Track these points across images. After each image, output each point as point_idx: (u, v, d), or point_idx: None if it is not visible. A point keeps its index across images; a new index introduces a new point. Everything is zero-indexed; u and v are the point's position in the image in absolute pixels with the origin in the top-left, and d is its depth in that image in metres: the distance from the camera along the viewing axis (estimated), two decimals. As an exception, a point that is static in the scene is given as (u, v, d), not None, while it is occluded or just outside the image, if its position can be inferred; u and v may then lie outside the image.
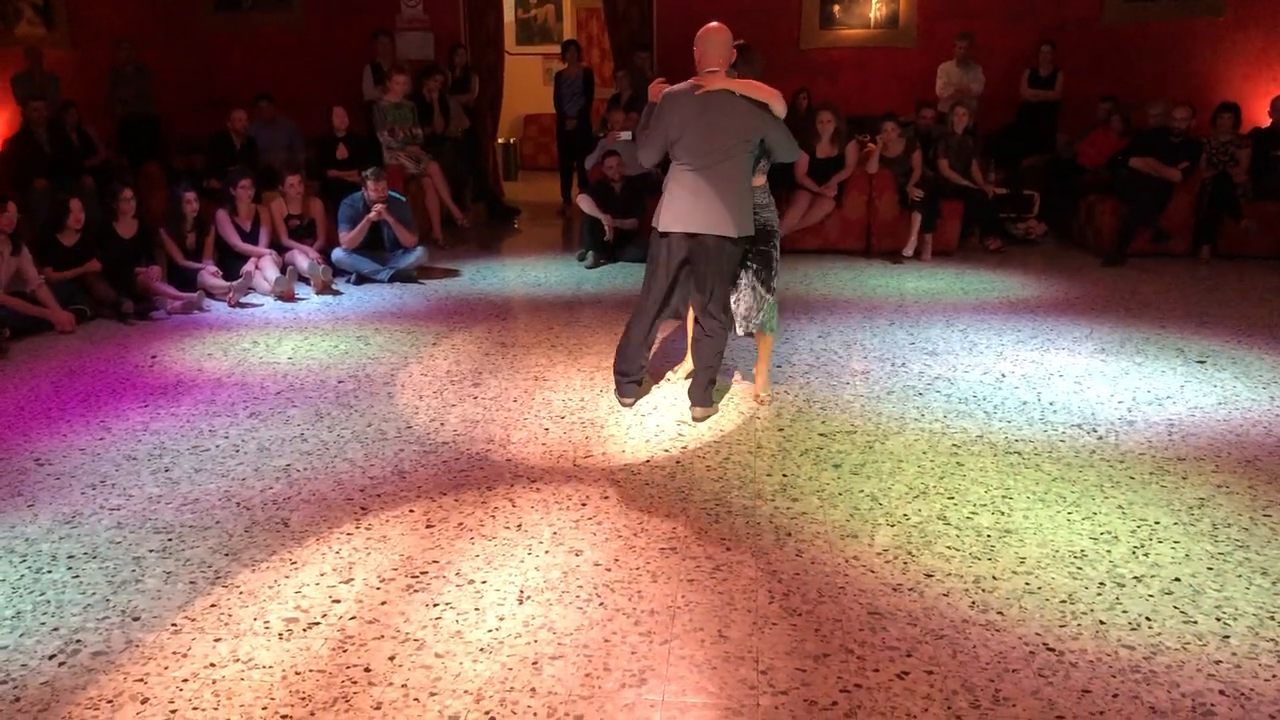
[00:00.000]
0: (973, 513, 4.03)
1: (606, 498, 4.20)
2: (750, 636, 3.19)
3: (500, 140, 13.10)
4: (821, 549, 3.75)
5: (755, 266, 5.10)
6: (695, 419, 5.04)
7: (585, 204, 9.07)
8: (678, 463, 4.55)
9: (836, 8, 11.36)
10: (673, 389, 5.53)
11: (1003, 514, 4.02)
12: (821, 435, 4.86)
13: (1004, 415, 5.11)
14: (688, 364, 5.61)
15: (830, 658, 3.07)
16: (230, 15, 11.67)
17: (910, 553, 3.71)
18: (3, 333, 6.44)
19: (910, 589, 3.46)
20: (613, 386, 5.38)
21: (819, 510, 4.07)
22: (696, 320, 5.19)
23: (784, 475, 4.40)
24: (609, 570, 3.60)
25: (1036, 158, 10.42)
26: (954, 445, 4.72)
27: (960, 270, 8.62)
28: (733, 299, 5.14)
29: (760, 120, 4.81)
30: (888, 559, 3.67)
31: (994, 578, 3.53)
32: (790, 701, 2.87)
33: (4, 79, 10.66)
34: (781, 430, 4.93)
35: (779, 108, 4.83)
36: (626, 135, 9.98)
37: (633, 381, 5.27)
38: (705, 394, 5.08)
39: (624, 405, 5.27)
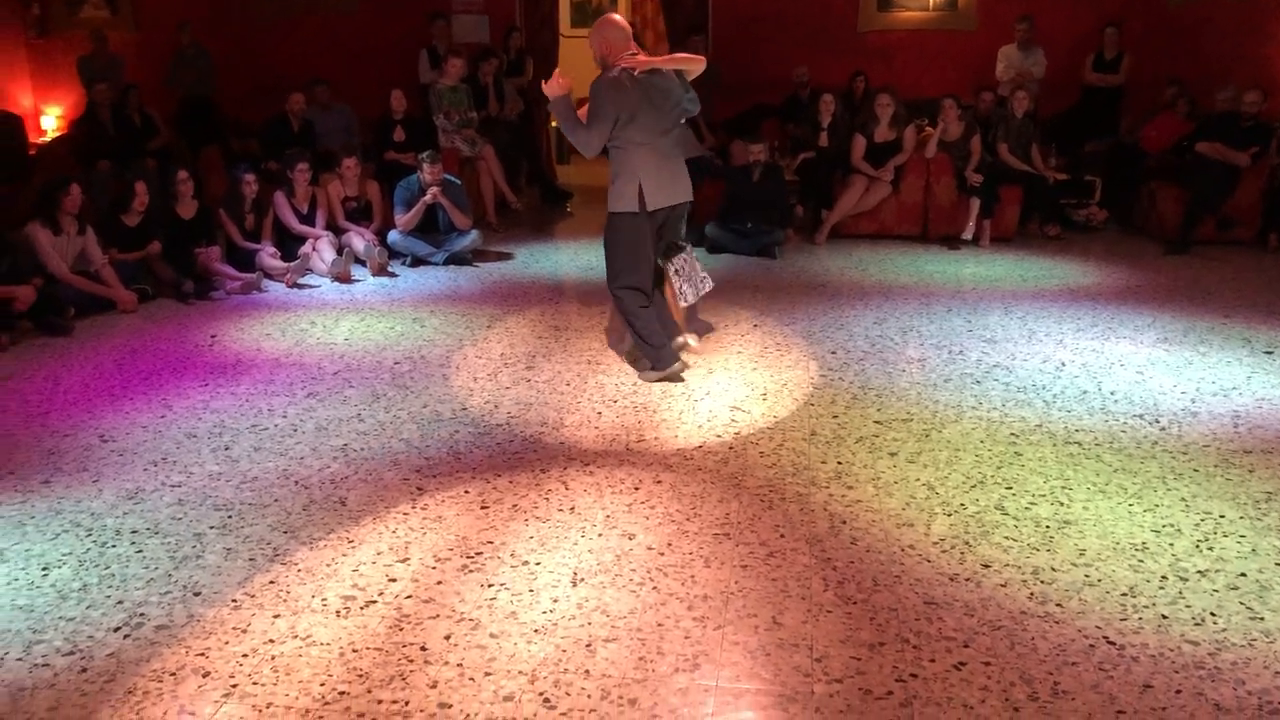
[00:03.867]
0: (1031, 503, 3.97)
1: (659, 482, 4.19)
2: (804, 624, 3.17)
3: (554, 123, 13.09)
4: (877, 537, 3.72)
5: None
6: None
7: (639, 188, 9.02)
8: (731, 448, 4.53)
9: (895, -11, 11.20)
10: (726, 376, 5.51)
11: (1062, 505, 3.96)
12: (877, 423, 4.82)
13: (1063, 404, 5.03)
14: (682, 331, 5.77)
15: (885, 647, 3.05)
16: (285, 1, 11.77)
17: (967, 543, 3.67)
18: (68, 311, 6.58)
19: (967, 579, 3.42)
20: (671, 369, 5.40)
21: (874, 498, 4.03)
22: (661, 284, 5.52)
23: (839, 462, 4.37)
24: (662, 554, 3.60)
25: (1099, 142, 10.21)
26: (1012, 434, 4.66)
27: (1019, 256, 8.49)
28: (681, 270, 5.44)
29: (682, 87, 5.28)
30: (944, 548, 3.63)
31: (1053, 569, 3.48)
32: (845, 690, 2.85)
33: (71, 61, 10.87)
34: (836, 417, 4.89)
35: (700, 67, 5.28)
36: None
37: (675, 348, 5.48)
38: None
39: (682, 372, 5.42)
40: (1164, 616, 3.19)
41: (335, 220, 8.38)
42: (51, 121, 11.81)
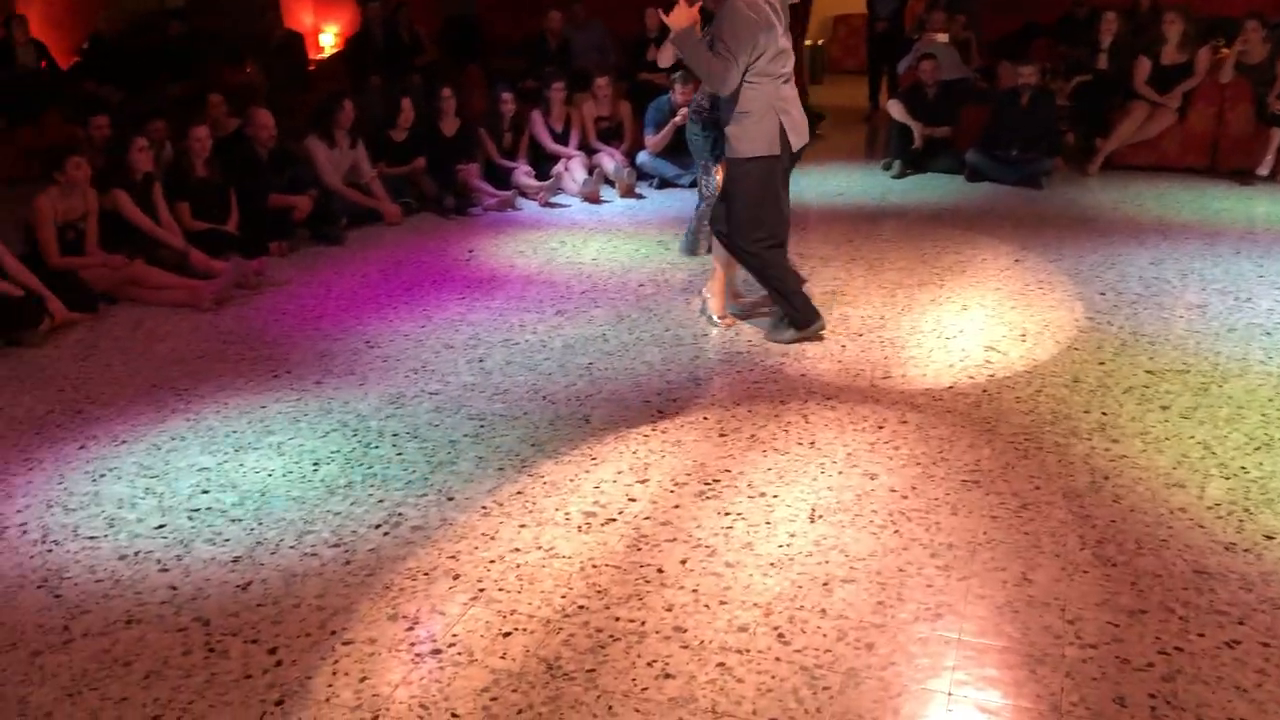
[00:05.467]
0: (1327, 473, 3.58)
1: (905, 422, 4.04)
2: (1057, 582, 2.99)
3: (808, 42, 12.74)
4: (1142, 496, 3.45)
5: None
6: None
7: (895, 110, 8.68)
8: (984, 392, 4.31)
9: (1195, -106, 10.12)
10: (982, 313, 5.23)
11: (1365, 477, 3.54)
12: (1149, 373, 4.46)
13: (1372, 364, 4.49)
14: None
15: (1148, 615, 2.83)
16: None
17: (1247, 510, 3.34)
18: (340, 222, 6.99)
19: (1245, 550, 3.12)
20: (814, 327, 4.91)
21: (1142, 454, 3.74)
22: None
23: (1103, 414, 4.08)
24: (905, 498, 3.48)
25: None
26: (1307, 394, 4.20)
27: (1324, 195, 7.61)
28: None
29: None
30: (1220, 514, 3.33)
31: (1350, 549, 3.12)
32: (1100, 656, 2.67)
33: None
34: (1102, 364, 4.55)
35: None
36: (943, 38, 9.44)
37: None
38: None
39: (821, 331, 4.94)
40: None
41: (588, 140, 8.49)
42: (329, 38, 12.50)
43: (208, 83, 8.54)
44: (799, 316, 4.86)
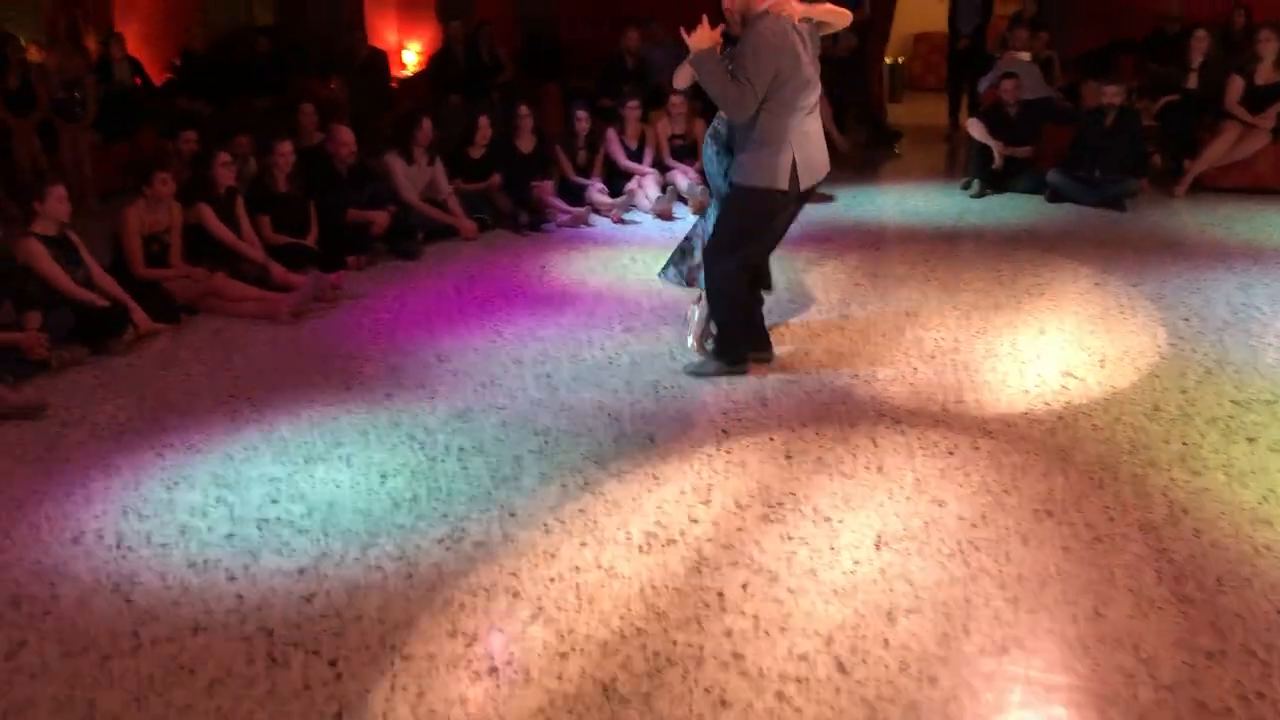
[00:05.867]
0: None
1: (977, 448, 3.96)
2: (1131, 619, 2.89)
3: (888, 60, 12.62)
4: (1225, 532, 3.33)
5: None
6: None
7: (975, 129, 8.54)
8: (1060, 418, 4.20)
9: (1294, -93, 9.82)
10: (1060, 337, 5.11)
11: None
12: (1234, 403, 4.30)
13: None
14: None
15: (1227, 657, 2.72)
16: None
17: (1337, 550, 3.21)
18: (417, 237, 7.09)
19: (1334, 592, 2.99)
20: (739, 366, 4.73)
21: (1225, 488, 3.61)
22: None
23: (1184, 444, 3.94)
24: (975, 526, 3.39)
25: None
26: (1405, 429, 4.02)
27: None
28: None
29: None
30: (1307, 554, 3.20)
31: None
32: (1175, 700, 2.58)
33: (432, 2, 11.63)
34: (1184, 393, 4.41)
35: (845, 23, 4.54)
36: (1025, 56, 9.28)
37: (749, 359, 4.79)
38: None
39: (767, 360, 4.81)
40: None
41: (662, 157, 8.50)
42: (412, 56, 12.72)
43: (294, 98, 8.74)
44: (725, 354, 4.73)
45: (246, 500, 3.71)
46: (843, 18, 4.50)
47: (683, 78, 4.76)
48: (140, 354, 5.23)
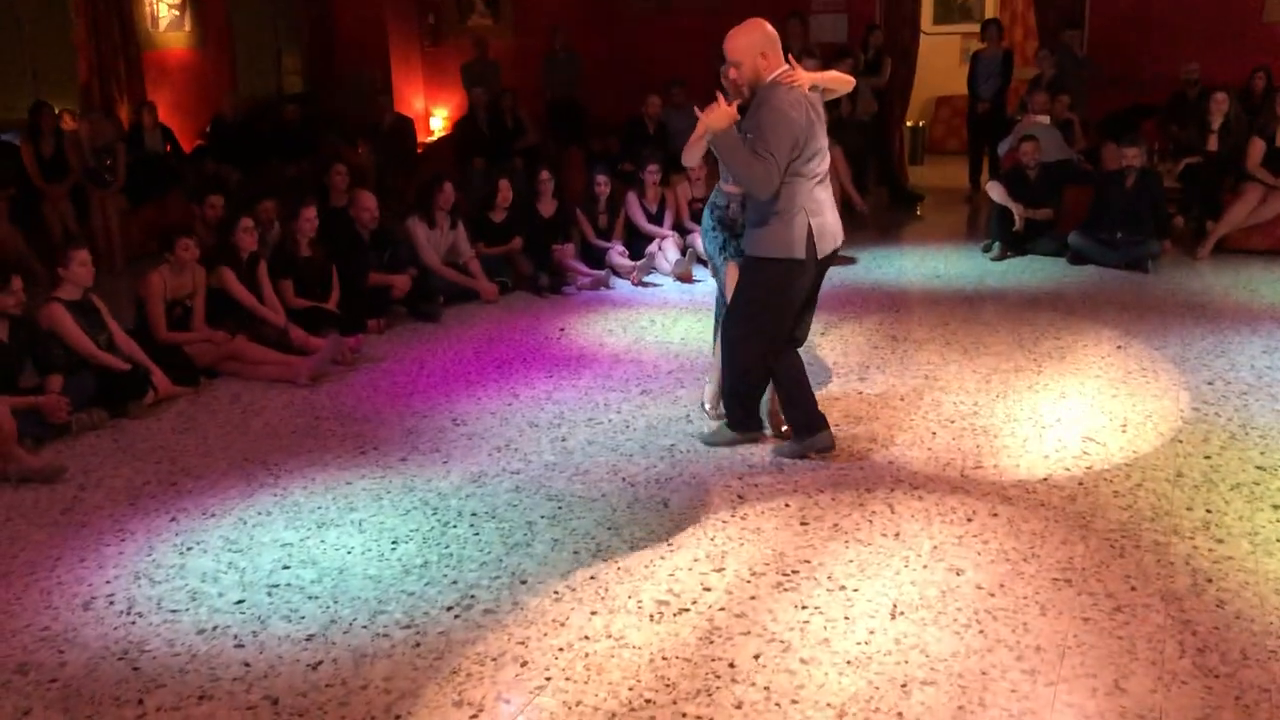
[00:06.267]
0: None
1: (995, 515, 3.90)
2: (1153, 693, 2.82)
3: (909, 123, 12.70)
4: (1250, 602, 3.25)
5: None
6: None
7: (995, 191, 8.55)
8: (1080, 484, 4.14)
9: (1313, -29, 9.89)
10: (1081, 401, 5.05)
11: None
12: (1259, 469, 4.22)
13: None
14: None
15: (1253, 734, 2.65)
16: (653, 1, 12.12)
17: (1367, 622, 3.12)
18: (437, 300, 7.14)
19: (1365, 667, 2.90)
20: (750, 434, 4.66)
21: (1250, 556, 3.53)
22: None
23: (1208, 511, 3.87)
24: (992, 595, 3.33)
25: None
26: None
27: None
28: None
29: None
30: (1336, 626, 3.11)
31: None
32: (1198, 779, 2.50)
33: (457, 67, 11.84)
34: (1209, 459, 4.34)
35: (846, 89, 4.53)
36: (1045, 119, 9.31)
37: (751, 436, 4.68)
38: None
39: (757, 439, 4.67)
40: None
41: (682, 220, 8.55)
42: (438, 122, 12.94)
43: (322, 163, 8.88)
44: (738, 424, 4.63)
45: (258, 565, 3.70)
46: (847, 84, 4.48)
47: (692, 156, 4.66)
48: (159, 417, 5.27)
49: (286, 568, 3.67)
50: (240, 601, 3.45)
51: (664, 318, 6.91)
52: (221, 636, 3.25)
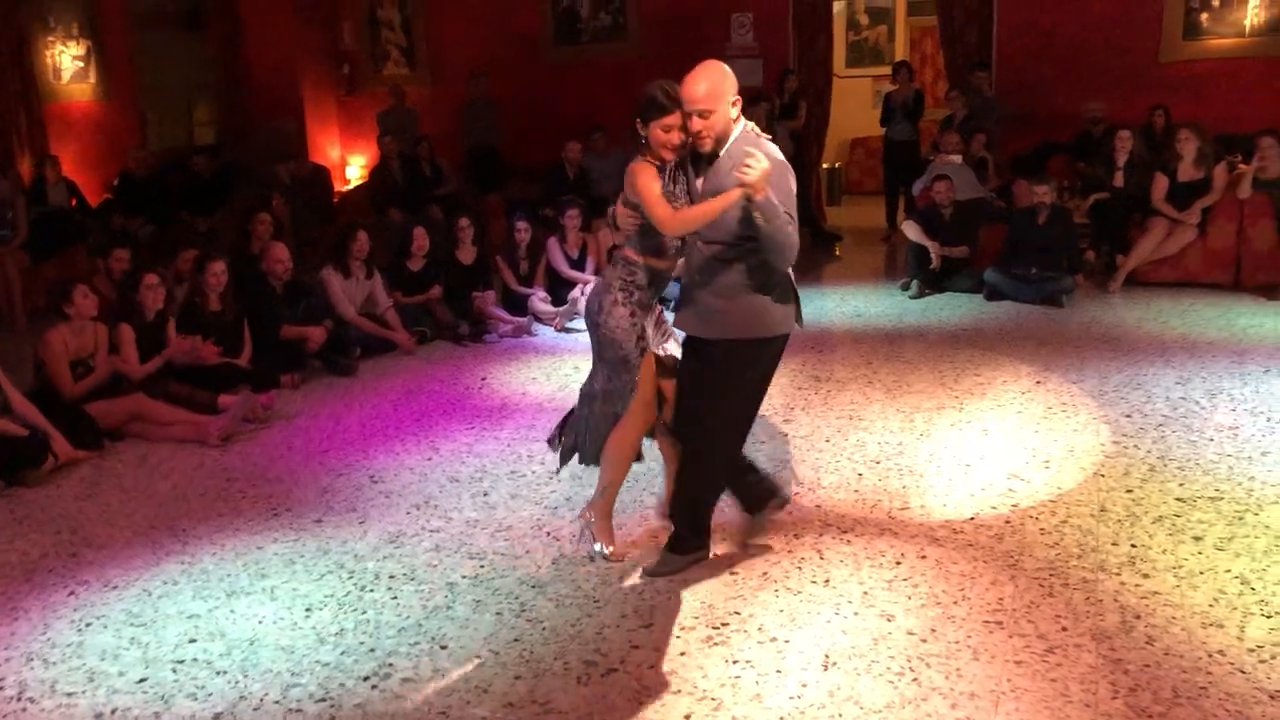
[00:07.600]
0: (1377, 610, 3.36)
1: (924, 557, 3.86)
2: (1088, 738, 2.78)
3: (825, 165, 12.87)
4: (1178, 638, 3.24)
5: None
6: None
7: (911, 230, 8.66)
8: (1007, 523, 4.13)
9: (1204, 16, 10.24)
10: (1003, 439, 5.07)
11: None
12: (1179, 500, 4.26)
13: None
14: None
15: (1189, 776, 2.61)
16: (570, 48, 12.16)
17: (1293, 653, 3.13)
18: (353, 352, 6.97)
19: (1293, 699, 2.90)
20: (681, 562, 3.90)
21: (1175, 591, 3.53)
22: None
23: (1132, 546, 3.88)
24: (924, 641, 3.28)
25: None
26: (1350, 522, 3.99)
27: (1354, 309, 7.44)
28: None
29: None
30: (1262, 657, 3.11)
31: None
32: (1137, 826, 2.45)
33: (373, 116, 11.71)
34: (1130, 492, 4.37)
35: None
36: (957, 159, 9.48)
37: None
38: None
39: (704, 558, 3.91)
40: None
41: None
42: (354, 171, 12.77)
43: (235, 217, 8.67)
44: (692, 545, 3.86)
45: (162, 640, 3.50)
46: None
47: (626, 222, 3.98)
48: (59, 484, 5.02)
49: (193, 641, 3.48)
50: (142, 680, 3.26)
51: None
52: (121, 720, 3.06)
